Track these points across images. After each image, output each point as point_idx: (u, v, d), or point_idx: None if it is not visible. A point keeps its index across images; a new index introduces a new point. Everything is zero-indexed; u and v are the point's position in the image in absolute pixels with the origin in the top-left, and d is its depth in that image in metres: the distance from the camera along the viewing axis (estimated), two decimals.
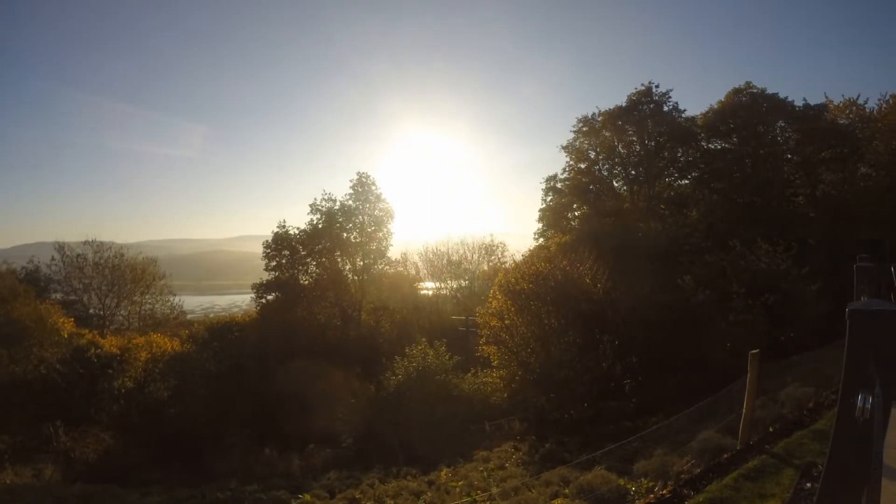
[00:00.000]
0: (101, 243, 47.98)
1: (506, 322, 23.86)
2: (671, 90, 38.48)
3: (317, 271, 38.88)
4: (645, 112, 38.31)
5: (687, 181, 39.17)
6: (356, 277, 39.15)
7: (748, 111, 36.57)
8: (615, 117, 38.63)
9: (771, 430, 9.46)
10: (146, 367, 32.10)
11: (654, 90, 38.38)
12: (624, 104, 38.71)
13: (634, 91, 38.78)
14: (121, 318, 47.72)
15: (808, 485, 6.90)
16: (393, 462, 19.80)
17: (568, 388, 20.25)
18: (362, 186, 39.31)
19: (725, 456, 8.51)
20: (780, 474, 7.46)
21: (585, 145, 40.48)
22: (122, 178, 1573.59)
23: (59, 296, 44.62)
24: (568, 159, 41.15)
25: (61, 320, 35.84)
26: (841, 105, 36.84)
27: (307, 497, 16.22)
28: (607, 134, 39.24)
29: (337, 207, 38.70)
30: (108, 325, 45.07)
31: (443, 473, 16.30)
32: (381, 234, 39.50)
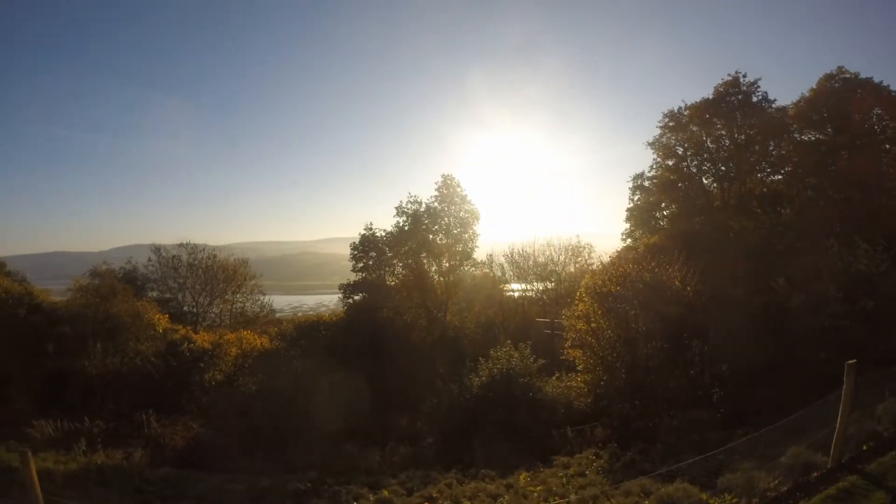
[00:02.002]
0: (195, 245, 50.07)
1: (592, 325, 23.31)
2: (759, 79, 36.66)
3: (403, 272, 39.25)
4: (733, 104, 36.64)
5: (779, 176, 37.31)
6: (442, 279, 39.21)
7: (841, 99, 34.49)
8: (702, 110, 37.14)
9: (865, 448, 8.94)
10: (236, 361, 33.37)
11: (741, 80, 36.69)
12: (711, 96, 37.19)
13: (721, 82, 37.23)
14: (213, 315, 49.58)
15: None
16: (472, 463, 19.72)
17: (653, 396, 19.67)
18: (447, 188, 39.34)
19: (815, 474, 8.13)
20: (871, 498, 7.03)
21: (672, 141, 39.10)
22: (215, 184, 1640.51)
23: (155, 294, 47.02)
24: (655, 156, 39.97)
25: (157, 316, 37.90)
26: None
27: (385, 493, 16.37)
28: (695, 128, 37.74)
29: (422, 209, 38.86)
30: (200, 321, 47.01)
31: (521, 477, 16.14)
32: (466, 236, 39.40)
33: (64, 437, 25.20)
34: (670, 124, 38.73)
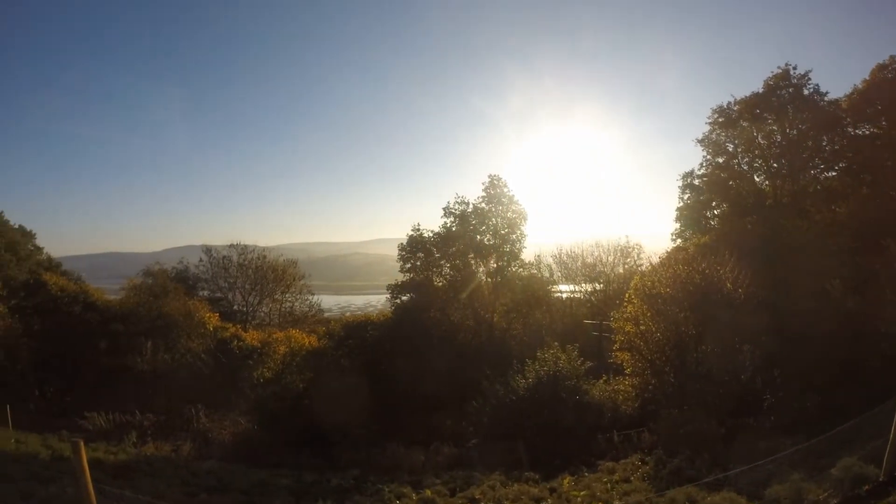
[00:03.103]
0: (245, 246, 51.64)
1: (641, 327, 23.06)
2: (810, 71, 35.30)
3: (450, 273, 39.28)
4: (784, 97, 35.37)
5: (833, 173, 35.95)
6: (489, 279, 39.16)
7: None
8: (752, 105, 35.89)
9: None
10: (284, 359, 33.93)
11: (791, 73, 35.38)
12: (761, 90, 36.00)
13: (771, 75, 35.90)
14: (262, 314, 50.99)
15: None
16: (516, 465, 19.69)
17: (703, 401, 19.25)
18: (494, 188, 39.20)
19: (866, 488, 7.87)
20: None
21: (722, 137, 37.98)
22: (266, 186, 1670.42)
23: (206, 293, 48.71)
24: (705, 153, 38.83)
25: (207, 315, 39.19)
26: None
27: (428, 492, 16.44)
28: (745, 124, 36.51)
29: (470, 210, 38.89)
30: (250, 320, 48.38)
31: (565, 482, 16.04)
32: (514, 237, 39.16)
33: (115, 429, 26.33)
34: (720, 120, 37.70)
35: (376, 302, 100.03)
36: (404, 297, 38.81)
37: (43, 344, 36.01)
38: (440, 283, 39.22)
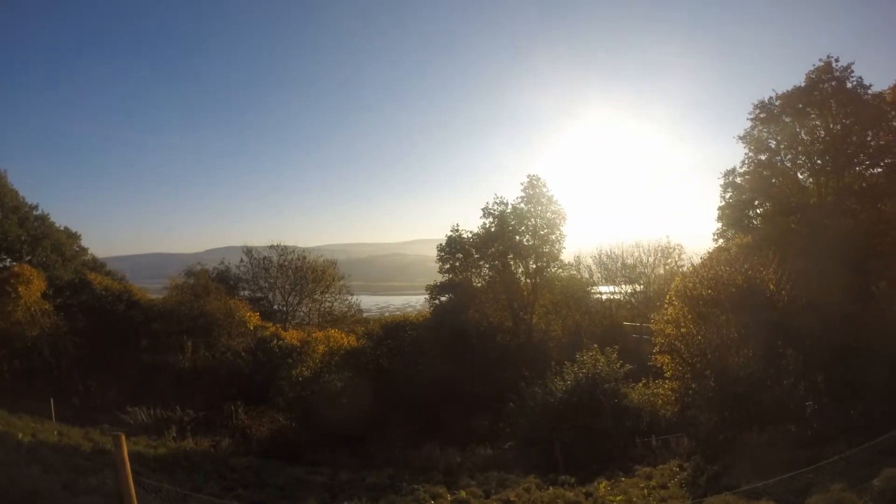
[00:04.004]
0: (285, 247, 51.98)
1: (681, 330, 22.57)
2: (853, 63, 33.75)
3: (489, 274, 39.28)
4: (827, 91, 33.82)
5: (879, 169, 34.79)
6: (528, 280, 38.82)
7: None
8: (794, 100, 34.54)
9: None
10: (323, 359, 34.21)
11: (834, 65, 33.90)
12: (803, 84, 34.97)
13: (813, 68, 34.58)
14: (302, 314, 51.39)
15: None
16: (552, 468, 19.61)
17: (744, 407, 18.85)
18: (533, 189, 38.85)
19: None
20: None
21: (764, 134, 36.80)
22: (306, 187, 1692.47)
23: (246, 293, 49.36)
24: (746, 150, 37.58)
25: (248, 314, 39.96)
26: None
27: (462, 493, 16.51)
28: (787, 119, 35.24)
29: (509, 211, 38.63)
30: (290, 319, 48.85)
31: (601, 486, 15.94)
32: (553, 237, 38.72)
33: (156, 424, 27.13)
34: (761, 116, 36.60)
35: (415, 302, 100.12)
36: (443, 298, 38.97)
37: (87, 341, 37.29)
38: (479, 284, 39.29)
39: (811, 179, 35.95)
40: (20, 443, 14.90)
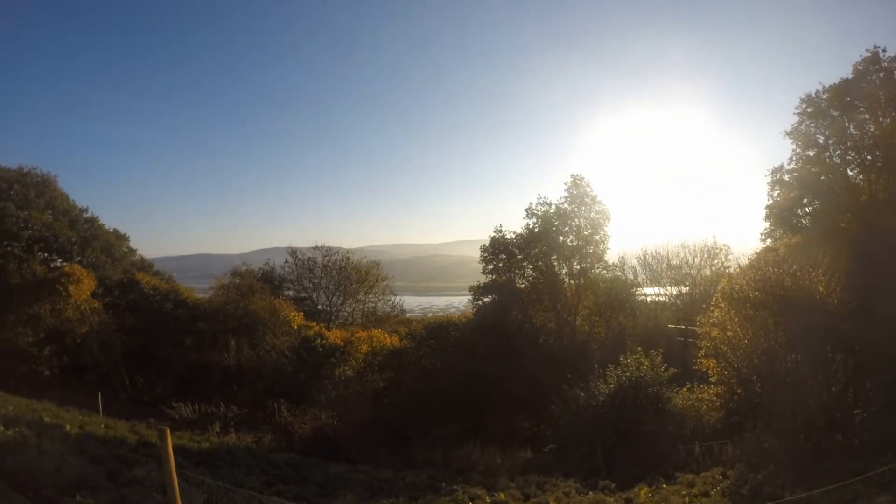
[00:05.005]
0: (329, 248, 53.02)
1: (727, 333, 21.96)
2: None
3: (533, 275, 39.05)
4: (875, 83, 32.83)
5: None
6: (572, 282, 38.50)
7: None
8: (842, 93, 33.40)
9: None
10: (366, 358, 34.67)
11: (881, 55, 32.79)
12: (850, 76, 33.62)
13: (860, 59, 33.43)
14: (345, 314, 52.26)
15: None
16: (593, 473, 19.44)
17: (791, 414, 18.35)
18: (577, 189, 38.49)
19: None
20: None
21: (812, 129, 35.48)
22: (350, 188, 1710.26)
23: (291, 293, 50.48)
24: (793, 146, 36.40)
25: (292, 314, 40.72)
26: None
27: (501, 495, 16.42)
28: (835, 113, 33.93)
29: (552, 211, 38.38)
30: (333, 319, 49.71)
31: (642, 493, 15.70)
32: (597, 238, 38.45)
33: (200, 419, 27.92)
34: (808, 110, 35.35)
35: (458, 303, 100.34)
36: (486, 299, 38.83)
37: (134, 338, 38.66)
38: (522, 285, 39.10)
39: (861, 176, 34.84)
40: (67, 434, 15.29)
